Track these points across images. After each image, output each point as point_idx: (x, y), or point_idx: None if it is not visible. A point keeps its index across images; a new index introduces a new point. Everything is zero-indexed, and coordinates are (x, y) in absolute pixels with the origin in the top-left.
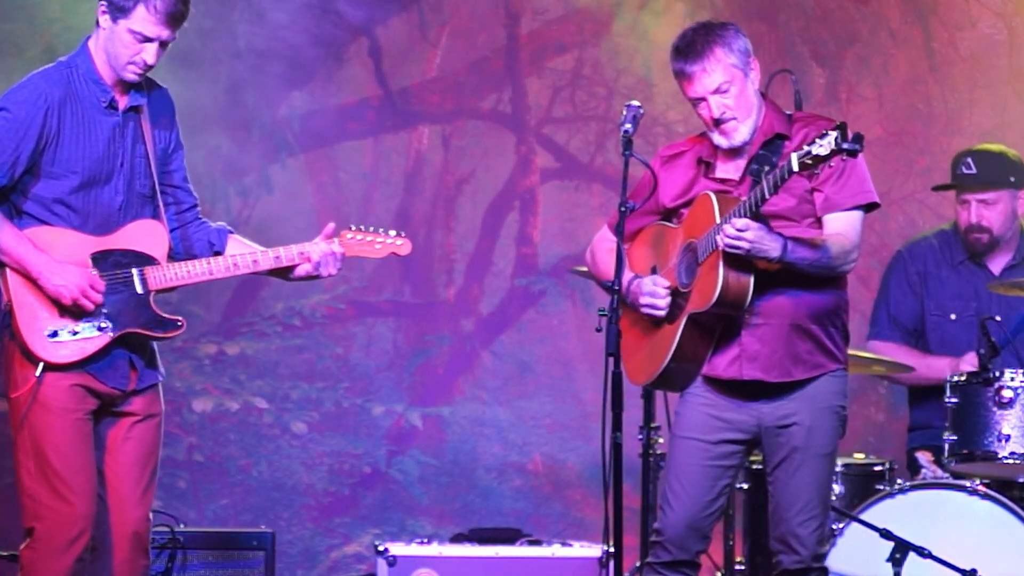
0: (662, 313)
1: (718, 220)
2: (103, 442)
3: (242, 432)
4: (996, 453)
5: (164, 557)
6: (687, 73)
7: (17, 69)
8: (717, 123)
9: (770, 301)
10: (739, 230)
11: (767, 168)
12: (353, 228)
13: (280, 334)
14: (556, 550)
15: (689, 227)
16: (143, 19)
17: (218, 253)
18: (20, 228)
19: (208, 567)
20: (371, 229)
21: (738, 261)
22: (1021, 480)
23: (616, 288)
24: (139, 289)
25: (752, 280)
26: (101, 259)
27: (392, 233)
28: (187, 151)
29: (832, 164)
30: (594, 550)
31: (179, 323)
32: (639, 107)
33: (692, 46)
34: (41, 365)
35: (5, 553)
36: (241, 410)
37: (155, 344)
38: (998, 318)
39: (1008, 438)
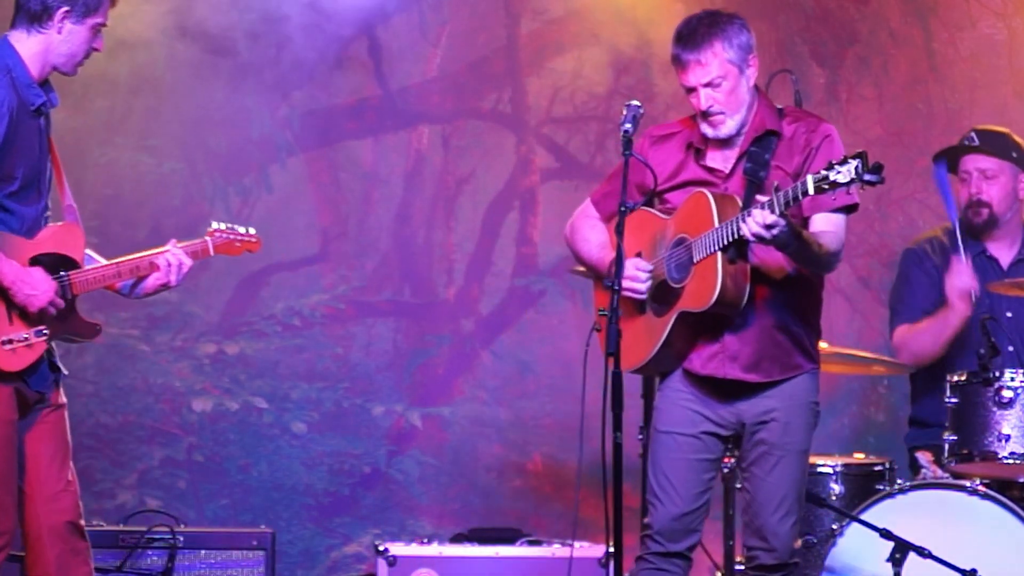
0: (642, 296)
1: (716, 223)
2: (23, 445)
3: (242, 432)
4: (996, 453)
5: (164, 557)
6: (682, 61)
7: None
8: (705, 115)
9: (754, 302)
10: (768, 225)
11: (778, 185)
12: (214, 224)
13: (280, 334)
14: (556, 550)
15: (681, 221)
16: (105, 10)
17: None
18: None
19: (208, 567)
20: (232, 227)
21: (737, 260)
22: (1021, 480)
23: (616, 288)
24: (67, 294)
25: (749, 284)
26: (36, 263)
27: (252, 231)
28: (187, 150)
29: (850, 192)
30: (594, 550)
31: (99, 327)
32: (639, 107)
33: (693, 35)
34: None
35: None
36: (241, 410)
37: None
38: (1009, 314)
39: (1008, 438)
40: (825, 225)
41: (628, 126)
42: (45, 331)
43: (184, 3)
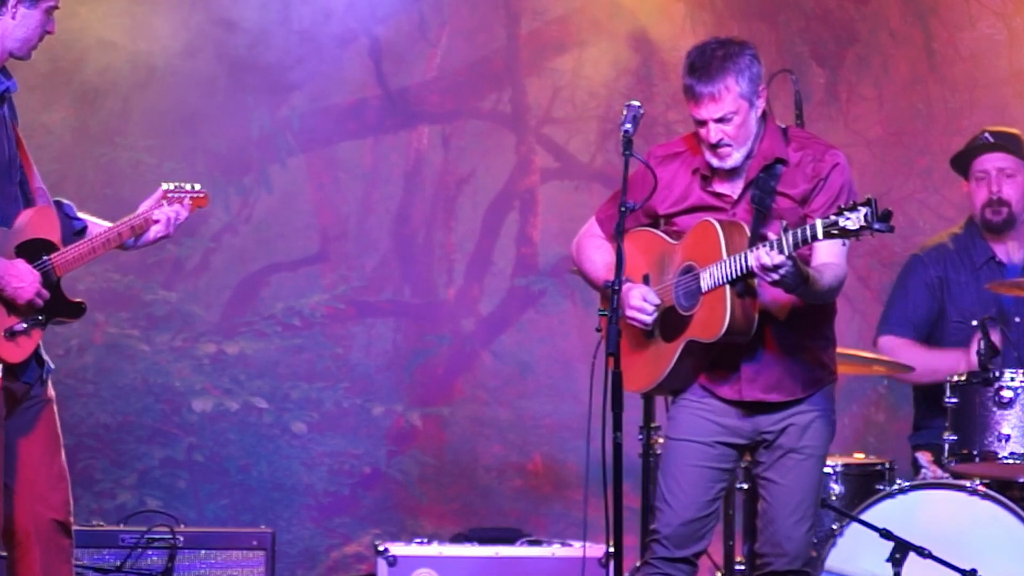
0: (647, 327)
1: (724, 255)
2: (12, 442)
3: (242, 432)
4: (996, 453)
5: (164, 557)
6: (695, 93)
7: (14, 72)
8: (712, 147)
9: (768, 324)
10: (775, 266)
11: (787, 226)
12: (165, 184)
13: (280, 334)
14: (556, 550)
15: (689, 248)
16: None
17: None
18: None
19: (208, 567)
20: (180, 186)
21: (745, 295)
22: (1021, 480)
23: (616, 289)
24: (51, 277)
25: (757, 314)
26: (22, 251)
27: (199, 186)
28: (188, 150)
29: (860, 238)
30: (594, 550)
31: (84, 305)
32: (639, 107)
33: (707, 68)
34: (1, 367)
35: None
36: (241, 410)
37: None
38: (1018, 319)
39: (1008, 438)
40: (828, 256)
41: (628, 126)
42: (41, 317)
43: (186, 5)
